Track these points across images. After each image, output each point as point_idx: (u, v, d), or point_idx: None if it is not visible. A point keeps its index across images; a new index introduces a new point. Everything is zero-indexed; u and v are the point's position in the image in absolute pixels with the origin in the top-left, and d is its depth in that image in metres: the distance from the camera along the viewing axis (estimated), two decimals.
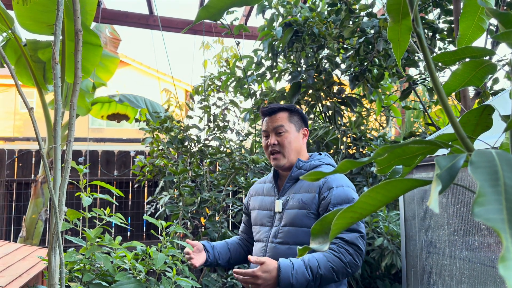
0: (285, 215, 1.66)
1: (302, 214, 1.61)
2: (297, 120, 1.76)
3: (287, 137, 1.70)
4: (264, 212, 1.77)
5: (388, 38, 0.60)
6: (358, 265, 1.50)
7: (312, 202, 1.61)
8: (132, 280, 1.47)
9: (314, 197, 1.62)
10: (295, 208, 1.64)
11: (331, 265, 1.48)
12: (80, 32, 1.42)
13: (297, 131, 1.75)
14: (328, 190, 1.59)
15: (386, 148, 0.44)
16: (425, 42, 0.44)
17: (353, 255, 1.49)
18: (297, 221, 1.61)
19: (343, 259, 1.48)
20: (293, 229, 1.62)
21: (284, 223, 1.65)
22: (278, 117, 1.72)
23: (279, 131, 1.71)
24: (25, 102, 1.32)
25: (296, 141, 1.73)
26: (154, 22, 3.95)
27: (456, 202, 1.19)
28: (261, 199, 1.83)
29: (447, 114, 0.44)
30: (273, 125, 1.72)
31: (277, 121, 1.72)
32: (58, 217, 1.34)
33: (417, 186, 0.46)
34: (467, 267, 1.14)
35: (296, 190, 1.69)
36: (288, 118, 1.73)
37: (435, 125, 2.25)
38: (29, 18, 3.02)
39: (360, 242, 1.51)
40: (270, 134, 1.73)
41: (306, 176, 0.45)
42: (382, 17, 2.29)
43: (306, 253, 0.50)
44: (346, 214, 0.46)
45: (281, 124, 1.71)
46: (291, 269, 1.45)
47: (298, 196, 1.66)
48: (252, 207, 1.87)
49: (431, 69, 0.44)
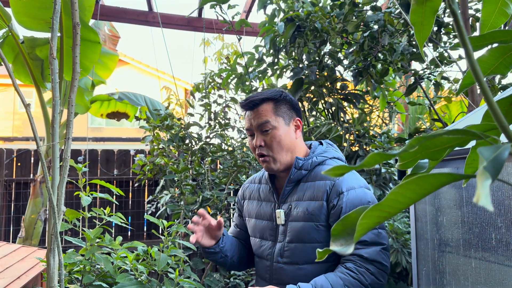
0: (290, 229, 1.39)
1: (310, 227, 1.35)
2: (285, 111, 1.44)
3: (275, 135, 1.40)
4: (264, 224, 1.50)
5: (410, 22, 0.56)
6: (383, 284, 1.27)
7: (320, 212, 1.34)
8: (133, 282, 1.43)
9: (322, 206, 1.35)
10: (301, 220, 1.37)
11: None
12: (78, 26, 1.37)
13: (287, 125, 1.43)
14: (337, 196, 1.33)
15: (419, 139, 0.39)
16: (461, 20, 0.39)
17: (375, 274, 1.26)
18: (305, 236, 1.35)
19: (364, 281, 1.24)
20: (301, 245, 1.36)
21: (289, 239, 1.39)
22: (261, 111, 1.41)
23: (264, 128, 1.40)
24: (21, 98, 1.27)
25: (287, 137, 1.42)
26: (153, 18, 3.90)
27: (471, 199, 1.15)
28: (258, 206, 1.55)
29: (487, 101, 0.39)
30: (256, 122, 1.41)
31: (260, 116, 1.40)
32: (56, 217, 1.30)
33: (452, 181, 0.42)
34: (483, 266, 1.09)
35: (299, 196, 1.41)
36: (273, 111, 1.41)
37: (442, 121, 2.21)
38: (26, 15, 2.98)
39: (383, 257, 1.27)
40: (255, 132, 1.43)
41: (328, 171, 0.41)
42: (387, 10, 2.24)
43: (326, 256, 0.45)
44: (373, 213, 0.42)
45: (266, 120, 1.40)
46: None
47: (303, 205, 1.38)
48: (248, 214, 1.59)
49: (468, 50, 0.39)
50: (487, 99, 0.39)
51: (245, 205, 1.63)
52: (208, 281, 2.86)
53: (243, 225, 1.66)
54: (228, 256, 1.53)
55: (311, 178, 1.42)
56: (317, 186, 1.39)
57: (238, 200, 1.70)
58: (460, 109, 2.84)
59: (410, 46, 2.43)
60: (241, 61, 3.40)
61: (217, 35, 4.38)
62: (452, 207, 1.23)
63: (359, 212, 0.45)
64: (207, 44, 4.36)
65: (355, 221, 0.46)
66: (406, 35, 2.58)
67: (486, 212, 1.08)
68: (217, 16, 2.81)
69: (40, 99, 3.56)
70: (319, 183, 1.39)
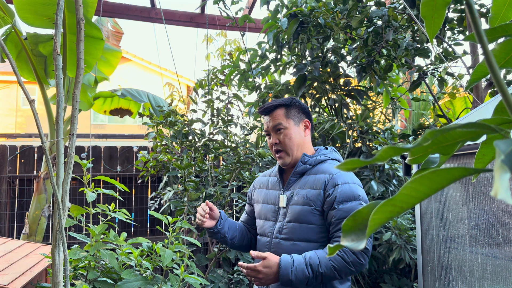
0: (290, 211, 1.65)
1: (307, 211, 1.60)
2: (295, 114, 1.72)
3: (287, 134, 1.68)
4: (269, 206, 1.76)
5: (421, 15, 0.55)
6: (363, 264, 1.49)
7: (317, 199, 1.60)
8: (138, 278, 1.43)
9: (319, 194, 1.60)
10: (300, 204, 1.63)
11: (333, 264, 1.48)
12: (82, 21, 1.37)
13: (296, 125, 1.72)
14: (333, 187, 1.58)
15: (433, 132, 0.38)
16: (476, 12, 0.39)
17: (357, 254, 1.48)
18: (302, 217, 1.61)
19: (346, 259, 1.48)
20: (298, 225, 1.61)
21: (288, 219, 1.64)
22: (275, 115, 1.71)
23: (278, 128, 1.69)
24: (26, 94, 1.27)
25: (297, 135, 1.70)
26: (156, 15, 3.89)
27: (478, 195, 1.14)
28: (265, 193, 1.81)
29: (503, 94, 0.38)
30: (271, 124, 1.70)
31: (274, 120, 1.70)
32: (61, 213, 1.30)
33: (466, 175, 0.41)
34: (490, 262, 1.08)
35: (301, 185, 1.67)
36: (285, 114, 1.70)
37: (446, 117, 2.19)
38: (29, 12, 2.97)
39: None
40: (271, 133, 1.72)
41: (341, 165, 0.40)
42: (392, 5, 2.23)
43: (336, 252, 0.45)
44: (385, 208, 0.41)
45: (279, 122, 1.69)
46: (291, 266, 1.48)
47: (303, 192, 1.64)
48: (256, 200, 1.86)
49: (484, 42, 0.39)
50: (502, 92, 0.38)
51: (254, 194, 1.89)
52: (211, 277, 2.86)
53: (251, 212, 1.92)
54: (227, 237, 1.78)
55: (313, 172, 1.68)
56: (317, 178, 1.64)
57: (249, 191, 1.97)
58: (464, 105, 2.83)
59: (414, 41, 2.42)
60: (244, 57, 3.39)
61: (219, 31, 4.36)
62: (458, 203, 1.23)
63: (370, 207, 0.45)
64: (210, 41, 4.34)
65: (366, 216, 0.46)
66: (410, 31, 2.57)
67: (493, 208, 1.08)
68: (221, 12, 2.80)
69: (43, 96, 3.55)
70: (319, 176, 1.65)
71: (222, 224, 1.78)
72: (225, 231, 1.78)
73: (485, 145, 0.60)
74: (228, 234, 1.79)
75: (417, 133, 2.51)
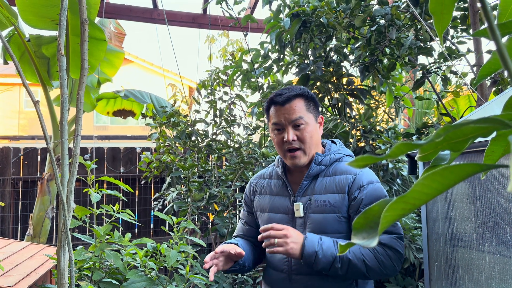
0: (310, 221, 1.43)
1: (332, 219, 1.40)
2: (313, 108, 1.49)
3: (307, 130, 1.44)
4: (280, 216, 1.51)
5: (430, 11, 0.55)
6: (396, 269, 1.34)
7: (342, 204, 1.40)
8: (144, 278, 1.43)
9: (344, 198, 1.41)
10: (322, 212, 1.42)
11: (364, 257, 1.32)
12: (86, 22, 1.37)
13: (315, 121, 1.49)
14: (358, 189, 1.40)
15: (446, 128, 0.38)
16: (489, 8, 0.38)
17: (391, 258, 1.33)
18: (327, 226, 1.40)
19: (378, 258, 1.32)
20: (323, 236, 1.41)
21: (310, 230, 1.42)
22: (295, 107, 1.43)
23: (298, 123, 1.43)
24: (30, 95, 1.27)
25: (316, 133, 1.48)
26: (158, 16, 3.89)
27: (485, 193, 1.13)
28: (271, 200, 1.56)
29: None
30: (290, 117, 1.43)
31: (294, 112, 1.43)
32: (66, 214, 1.30)
33: (478, 172, 0.41)
34: (498, 261, 1.08)
35: (318, 189, 1.45)
36: (306, 107, 1.46)
37: (450, 115, 2.19)
38: (32, 13, 2.97)
39: (398, 245, 1.35)
40: (286, 127, 1.44)
41: (353, 162, 0.40)
42: (395, 4, 2.22)
43: (347, 249, 0.45)
44: (397, 205, 0.41)
45: (300, 116, 1.43)
46: (318, 239, 1.33)
47: (322, 198, 1.43)
48: (260, 209, 1.59)
49: (497, 36, 0.38)
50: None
51: (255, 200, 1.63)
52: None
53: (252, 222, 1.65)
54: (246, 266, 1.53)
55: (330, 173, 1.48)
56: (338, 180, 1.45)
57: (246, 197, 1.69)
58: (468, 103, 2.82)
59: (418, 40, 2.41)
60: (246, 57, 3.39)
61: (222, 32, 4.36)
62: (465, 201, 1.22)
63: (381, 204, 0.45)
64: (212, 41, 4.34)
65: (377, 213, 0.45)
66: (413, 29, 2.56)
67: (501, 205, 1.07)
68: (223, 12, 2.80)
69: (46, 97, 3.56)
70: (340, 177, 1.45)
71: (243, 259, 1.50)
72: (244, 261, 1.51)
73: (494, 141, 0.60)
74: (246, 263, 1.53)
75: (421, 132, 2.50)
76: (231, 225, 2.90)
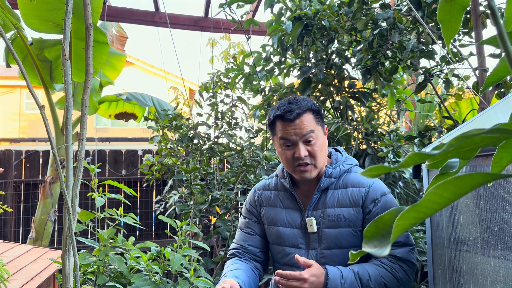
0: (325, 236, 1.41)
1: (348, 233, 1.38)
2: (321, 120, 1.45)
3: (318, 144, 1.40)
4: (292, 231, 1.47)
5: (438, 20, 0.55)
6: (411, 280, 1.36)
7: (357, 218, 1.39)
8: (148, 282, 1.43)
9: (358, 212, 1.39)
10: (336, 227, 1.40)
11: (384, 280, 1.32)
12: (90, 27, 1.37)
13: (324, 134, 1.46)
14: (373, 202, 1.39)
15: (459, 138, 0.39)
16: (498, 15, 0.39)
17: (406, 272, 1.35)
18: (343, 241, 1.39)
19: (397, 276, 1.33)
20: (339, 251, 1.39)
21: (326, 246, 1.40)
22: (305, 122, 1.38)
23: (308, 139, 1.38)
24: (35, 99, 1.27)
25: (325, 146, 1.44)
26: (160, 19, 3.90)
27: (489, 198, 1.14)
28: (279, 213, 1.51)
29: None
30: (301, 132, 1.37)
31: (305, 127, 1.38)
32: (71, 218, 1.30)
33: (490, 181, 0.41)
34: (503, 265, 1.08)
35: (330, 203, 1.43)
36: (315, 120, 1.42)
37: (452, 118, 2.19)
38: (35, 17, 2.98)
39: (412, 257, 1.37)
40: (297, 143, 1.39)
41: (366, 172, 0.40)
42: (397, 8, 2.23)
43: (358, 258, 0.45)
44: (409, 214, 0.41)
45: (311, 130, 1.38)
46: (340, 278, 1.28)
47: (336, 212, 1.41)
48: (268, 222, 1.54)
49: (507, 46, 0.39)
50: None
51: (262, 212, 1.58)
52: (217, 281, 2.86)
53: (261, 231, 1.59)
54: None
55: (341, 185, 1.46)
56: (351, 193, 1.43)
57: (251, 207, 1.63)
58: (470, 106, 2.82)
59: (420, 43, 2.41)
60: (248, 60, 3.39)
61: (223, 34, 4.38)
62: (469, 205, 1.22)
63: (393, 213, 0.45)
64: (214, 44, 4.35)
65: (388, 222, 0.46)
66: (415, 33, 2.56)
67: (506, 210, 1.07)
68: (226, 16, 2.81)
69: (48, 101, 3.57)
70: (353, 190, 1.43)
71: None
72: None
73: (502, 148, 0.60)
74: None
75: (423, 135, 2.50)
76: (233, 228, 2.90)
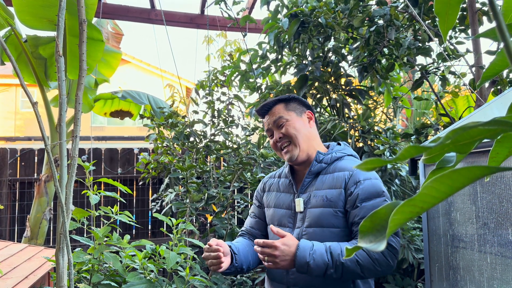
0: (308, 215, 1.50)
1: (329, 213, 1.46)
2: (295, 106, 1.62)
3: (290, 124, 1.56)
4: (283, 211, 1.61)
5: (435, 12, 0.54)
6: (391, 265, 1.36)
7: (338, 199, 1.46)
8: (143, 281, 1.42)
9: (340, 193, 1.46)
10: (319, 206, 1.49)
11: (357, 258, 1.35)
12: (84, 23, 1.36)
13: (299, 116, 1.60)
14: (354, 184, 1.45)
15: (456, 130, 0.38)
16: (497, 7, 0.38)
17: (384, 253, 1.36)
18: (323, 220, 1.46)
19: (372, 256, 1.35)
20: (319, 229, 1.47)
21: (308, 224, 1.49)
22: (274, 111, 1.60)
23: (279, 123, 1.58)
24: (28, 96, 1.26)
25: (302, 126, 1.58)
26: (156, 16, 3.88)
27: (486, 194, 1.13)
28: (277, 196, 1.67)
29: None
30: (272, 120, 1.59)
31: (274, 115, 1.59)
32: (65, 216, 1.29)
33: (487, 174, 0.40)
34: (499, 262, 1.08)
35: (318, 186, 1.53)
36: (284, 108, 1.60)
37: (449, 116, 2.19)
38: (29, 14, 2.96)
39: (392, 240, 1.37)
40: (273, 130, 1.61)
41: (361, 165, 0.39)
42: (393, 4, 2.22)
43: (354, 253, 0.44)
44: (405, 209, 0.40)
45: (279, 116, 1.58)
46: (310, 248, 1.35)
47: (321, 193, 1.50)
48: (267, 204, 1.71)
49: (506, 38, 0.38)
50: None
51: (264, 197, 1.74)
52: (214, 279, 2.85)
53: (261, 214, 1.75)
54: (244, 267, 1.56)
55: (330, 170, 1.55)
56: (336, 177, 1.52)
57: (257, 193, 1.81)
58: (467, 103, 2.82)
59: (416, 40, 2.41)
60: (245, 58, 3.38)
61: (219, 32, 4.36)
62: (466, 202, 1.22)
63: (389, 208, 0.44)
64: (210, 42, 4.33)
65: (384, 217, 0.45)
66: (412, 30, 2.56)
67: (502, 206, 1.07)
68: (222, 13, 2.79)
69: (43, 98, 3.55)
70: (338, 174, 1.52)
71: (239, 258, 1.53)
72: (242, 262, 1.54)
73: (499, 143, 0.59)
74: (245, 265, 1.55)
75: (419, 132, 2.50)
76: (230, 226, 2.89)
